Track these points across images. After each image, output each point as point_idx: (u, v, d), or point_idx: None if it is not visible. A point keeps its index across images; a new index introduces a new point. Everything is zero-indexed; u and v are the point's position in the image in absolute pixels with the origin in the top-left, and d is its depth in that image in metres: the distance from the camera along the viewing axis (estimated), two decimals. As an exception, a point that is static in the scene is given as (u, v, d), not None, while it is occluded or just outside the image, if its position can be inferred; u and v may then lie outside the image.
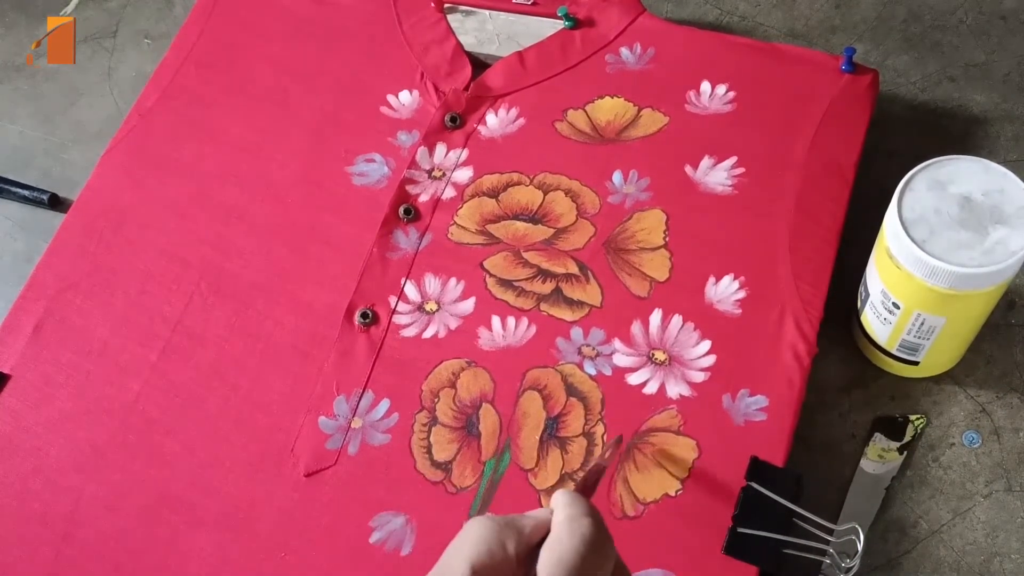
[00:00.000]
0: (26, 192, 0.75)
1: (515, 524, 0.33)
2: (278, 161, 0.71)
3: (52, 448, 0.62)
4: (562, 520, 0.34)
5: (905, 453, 0.58)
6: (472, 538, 0.32)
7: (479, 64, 0.73)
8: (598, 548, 0.33)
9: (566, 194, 0.66)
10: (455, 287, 0.64)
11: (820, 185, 0.64)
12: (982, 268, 0.50)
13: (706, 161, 0.66)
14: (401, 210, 0.67)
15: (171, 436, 0.61)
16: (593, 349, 0.61)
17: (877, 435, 0.59)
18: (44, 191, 0.75)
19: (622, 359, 0.60)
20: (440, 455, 0.59)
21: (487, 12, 0.75)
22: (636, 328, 0.61)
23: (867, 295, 0.58)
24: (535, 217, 0.66)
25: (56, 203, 0.75)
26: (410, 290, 0.64)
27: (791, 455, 0.56)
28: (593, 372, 0.60)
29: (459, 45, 0.74)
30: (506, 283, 0.64)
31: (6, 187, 0.75)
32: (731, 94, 0.69)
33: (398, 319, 0.63)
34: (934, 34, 0.74)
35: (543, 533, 0.35)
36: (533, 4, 0.74)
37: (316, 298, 0.65)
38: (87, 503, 0.60)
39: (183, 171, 0.71)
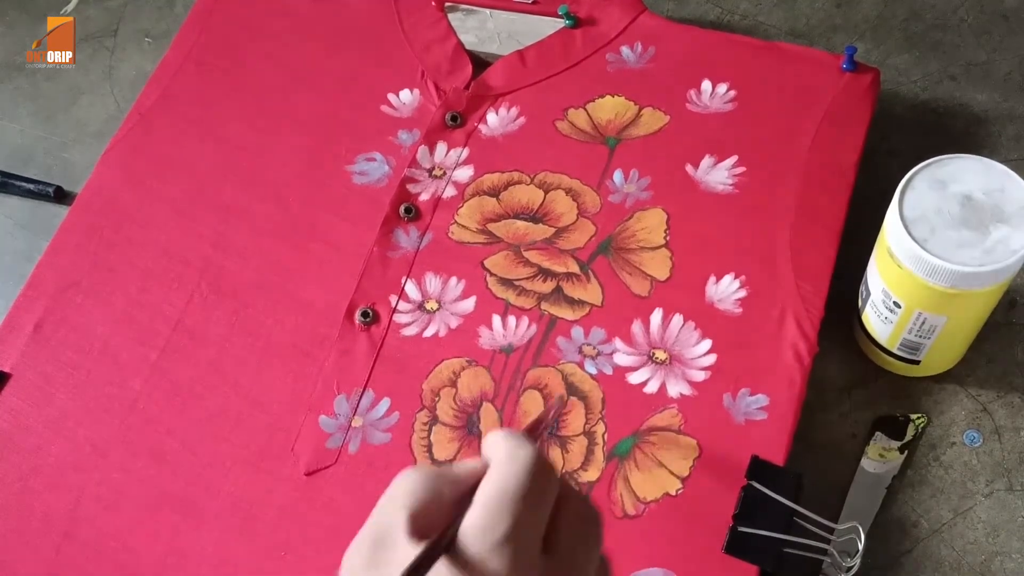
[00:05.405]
0: (31, 186, 0.75)
1: (450, 471, 0.31)
2: (278, 160, 0.71)
3: (52, 447, 0.62)
4: (503, 455, 0.31)
5: (906, 452, 0.58)
6: (407, 487, 0.31)
7: (480, 63, 0.73)
8: (542, 474, 0.30)
9: (567, 193, 0.66)
10: (456, 286, 0.64)
11: (821, 184, 0.64)
12: (983, 267, 0.50)
13: (707, 160, 0.66)
14: (402, 209, 0.67)
15: (171, 435, 0.61)
16: (594, 348, 0.61)
17: (878, 434, 0.59)
18: (49, 184, 0.75)
19: (623, 358, 0.60)
20: (440, 454, 0.59)
21: (488, 11, 0.75)
22: (637, 327, 0.61)
23: (868, 294, 0.58)
24: (536, 216, 0.66)
25: (62, 196, 0.75)
26: (411, 289, 0.64)
27: (792, 454, 0.56)
28: (594, 371, 0.60)
29: (460, 44, 0.74)
30: (507, 282, 0.64)
31: (11, 181, 0.75)
32: (732, 93, 0.69)
33: (399, 318, 0.63)
34: (935, 33, 0.74)
35: (477, 480, 0.32)
36: (534, 3, 0.74)
37: (316, 297, 0.65)
38: (87, 502, 0.60)
39: (183, 170, 0.71)
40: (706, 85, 0.69)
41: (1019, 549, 0.55)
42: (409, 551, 0.29)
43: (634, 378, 0.60)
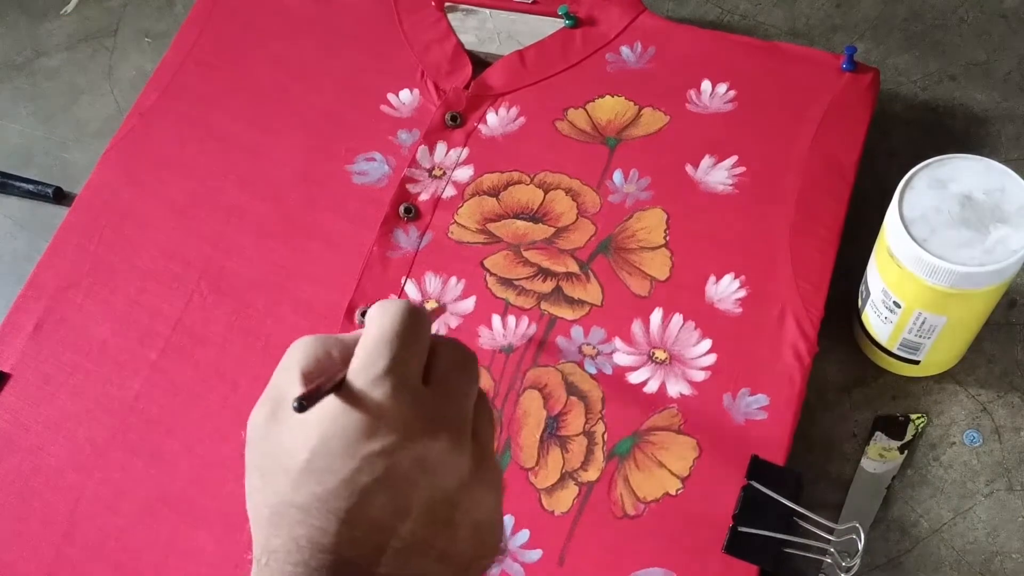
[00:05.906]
0: (31, 186, 0.75)
1: (338, 336, 0.35)
2: (278, 160, 0.71)
3: (52, 447, 0.62)
4: (376, 311, 0.34)
5: (906, 452, 0.58)
6: (299, 351, 0.34)
7: (479, 63, 0.73)
8: (413, 317, 0.33)
9: (566, 193, 0.66)
10: (456, 286, 0.64)
11: (821, 184, 0.64)
12: (983, 267, 0.50)
13: (707, 160, 0.66)
14: (401, 209, 0.67)
15: (171, 435, 0.61)
16: (594, 348, 0.61)
17: (878, 434, 0.59)
18: (48, 184, 0.75)
19: (623, 358, 0.60)
20: (440, 454, 0.59)
21: (487, 11, 0.75)
22: (636, 327, 0.61)
23: (868, 294, 0.58)
24: (535, 216, 0.66)
25: (61, 197, 0.75)
26: (410, 289, 0.64)
27: (792, 454, 0.56)
28: (593, 371, 0.60)
29: (459, 44, 0.74)
30: (507, 282, 0.64)
31: (10, 182, 0.75)
32: (732, 93, 0.69)
33: (398, 318, 0.63)
34: (935, 33, 0.74)
35: None
36: (534, 3, 0.74)
37: (316, 297, 0.65)
38: (87, 502, 0.60)
39: (183, 170, 0.71)
40: (706, 85, 0.69)
41: (1019, 549, 0.55)
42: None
43: (634, 378, 0.60)
